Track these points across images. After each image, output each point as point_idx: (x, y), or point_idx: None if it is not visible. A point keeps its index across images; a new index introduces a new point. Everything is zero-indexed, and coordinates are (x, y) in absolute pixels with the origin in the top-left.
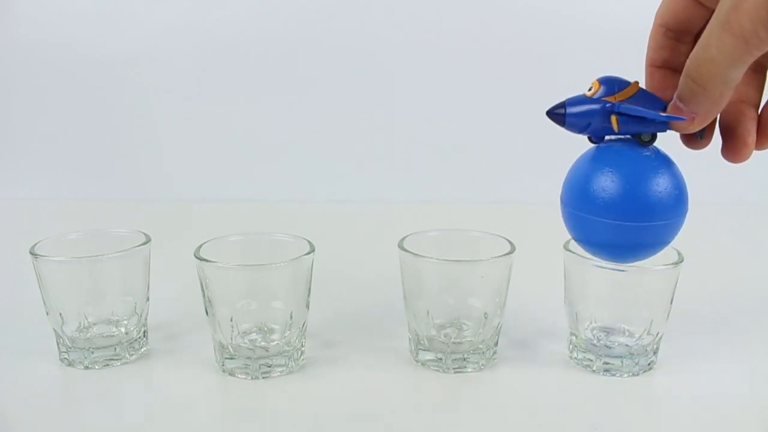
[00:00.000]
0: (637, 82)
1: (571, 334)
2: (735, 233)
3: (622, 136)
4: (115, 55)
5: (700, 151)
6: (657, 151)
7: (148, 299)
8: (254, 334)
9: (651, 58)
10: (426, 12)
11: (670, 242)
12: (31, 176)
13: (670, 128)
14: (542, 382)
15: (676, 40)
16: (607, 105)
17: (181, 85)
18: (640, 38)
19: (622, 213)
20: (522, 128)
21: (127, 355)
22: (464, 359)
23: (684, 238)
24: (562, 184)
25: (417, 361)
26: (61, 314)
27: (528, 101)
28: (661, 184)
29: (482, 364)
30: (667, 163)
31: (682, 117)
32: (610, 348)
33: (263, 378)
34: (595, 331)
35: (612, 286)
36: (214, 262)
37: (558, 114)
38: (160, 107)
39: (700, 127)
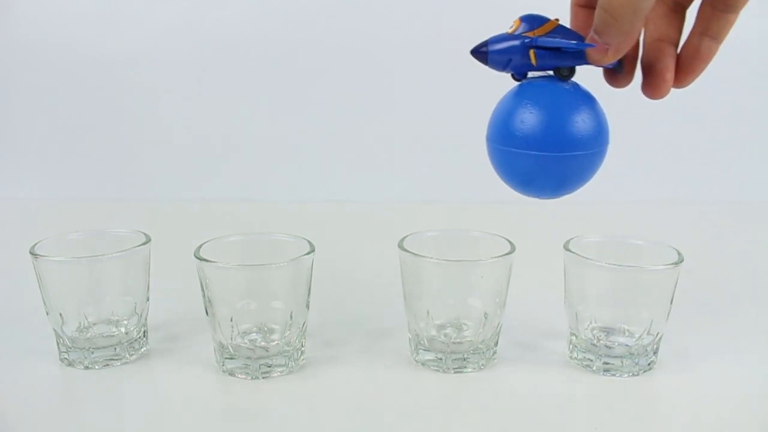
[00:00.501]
0: (557, 19)
1: (572, 334)
2: (735, 233)
3: (543, 73)
4: (115, 55)
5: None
6: (576, 85)
7: (148, 299)
8: (254, 334)
9: None
10: (425, 12)
11: (590, 176)
12: (31, 176)
13: (588, 62)
14: (542, 382)
15: None
16: (526, 40)
17: (181, 85)
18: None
19: (542, 144)
20: None
21: (127, 355)
22: (464, 359)
23: (685, 238)
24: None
25: (417, 361)
26: (61, 314)
27: None
28: (579, 116)
29: (482, 364)
30: (586, 97)
31: (593, 44)
32: (610, 348)
33: (263, 378)
34: (595, 331)
35: (612, 286)
36: (214, 262)
37: (481, 52)
38: (160, 107)
39: (615, 59)
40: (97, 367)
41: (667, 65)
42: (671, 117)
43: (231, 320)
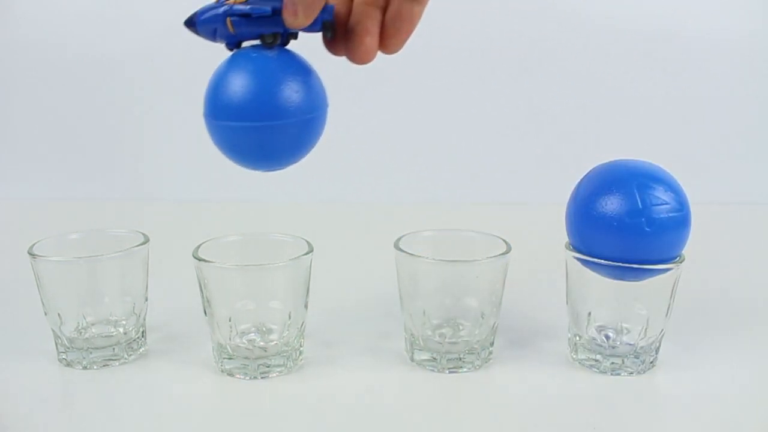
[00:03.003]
0: None
1: (574, 334)
2: (736, 233)
3: (254, 42)
4: (114, 55)
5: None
6: (284, 53)
7: (146, 299)
8: (252, 334)
9: None
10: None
11: (310, 143)
12: (30, 176)
13: (287, 28)
14: (538, 382)
15: None
16: (224, 8)
17: (181, 85)
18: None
19: (248, 114)
20: (521, 128)
21: (126, 356)
22: (460, 359)
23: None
24: None
25: (413, 361)
26: (59, 314)
27: (526, 101)
28: (280, 83)
29: (477, 364)
30: (291, 64)
31: (265, 8)
32: (613, 347)
33: (261, 378)
34: (597, 331)
35: (614, 286)
36: (212, 262)
37: (191, 23)
38: (160, 107)
39: (307, 20)
40: (95, 367)
41: (368, 28)
42: (672, 118)
43: (229, 320)
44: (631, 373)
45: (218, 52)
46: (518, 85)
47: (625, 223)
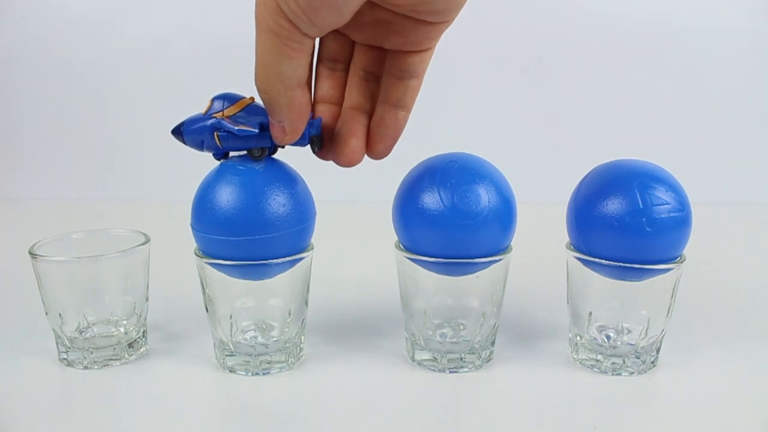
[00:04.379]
0: (252, 98)
1: (575, 334)
2: (736, 233)
3: (241, 153)
4: (114, 54)
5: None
6: (269, 164)
7: (147, 299)
8: (253, 331)
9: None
10: None
11: (296, 255)
12: (31, 176)
13: (276, 143)
14: (539, 382)
15: None
16: (212, 121)
17: (181, 85)
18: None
19: (231, 228)
20: (521, 128)
21: (126, 355)
22: (461, 359)
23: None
24: None
25: (413, 361)
26: (60, 314)
27: (527, 101)
28: (267, 198)
29: (478, 364)
30: (278, 176)
31: (252, 130)
32: (614, 347)
33: (263, 374)
34: (598, 330)
35: (615, 286)
36: (212, 259)
37: (178, 132)
38: (160, 107)
39: (294, 136)
40: (96, 367)
41: (353, 131)
42: (672, 118)
43: (230, 317)
44: (632, 373)
45: (219, 53)
46: (518, 85)
47: (626, 223)
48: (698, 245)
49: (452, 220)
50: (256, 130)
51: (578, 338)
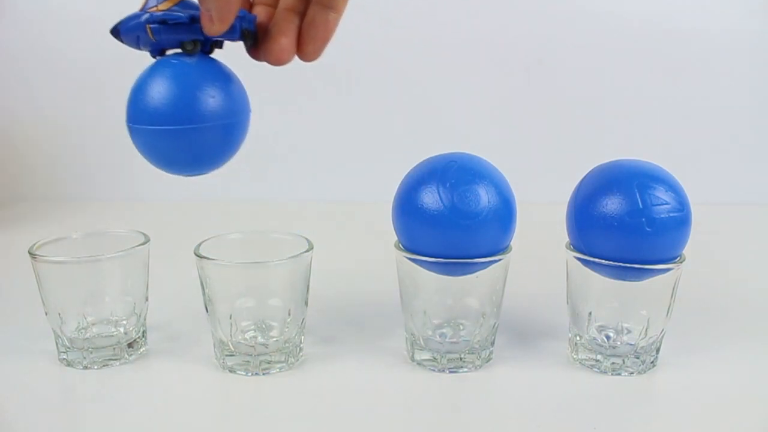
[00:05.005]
0: None
1: (575, 334)
2: (736, 233)
3: (177, 50)
4: (115, 54)
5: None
6: (202, 59)
7: (147, 299)
8: (253, 331)
9: None
10: (423, 12)
11: (230, 149)
12: (32, 176)
13: (206, 35)
14: (539, 382)
15: None
16: (146, 16)
17: None
18: (638, 39)
19: (163, 118)
20: (521, 128)
21: (126, 355)
22: (460, 359)
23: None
24: None
25: (413, 361)
26: (60, 314)
27: (527, 101)
28: (197, 89)
29: (478, 364)
30: (210, 70)
31: (179, 14)
32: (613, 347)
33: (263, 374)
34: (598, 330)
35: (615, 285)
36: (213, 259)
37: (116, 31)
38: None
39: (223, 26)
40: (95, 367)
41: (284, 29)
42: (672, 118)
43: (230, 317)
44: (632, 373)
45: (219, 52)
46: (518, 85)
47: (626, 223)
48: (698, 245)
49: (452, 220)
50: (185, 16)
51: (578, 338)
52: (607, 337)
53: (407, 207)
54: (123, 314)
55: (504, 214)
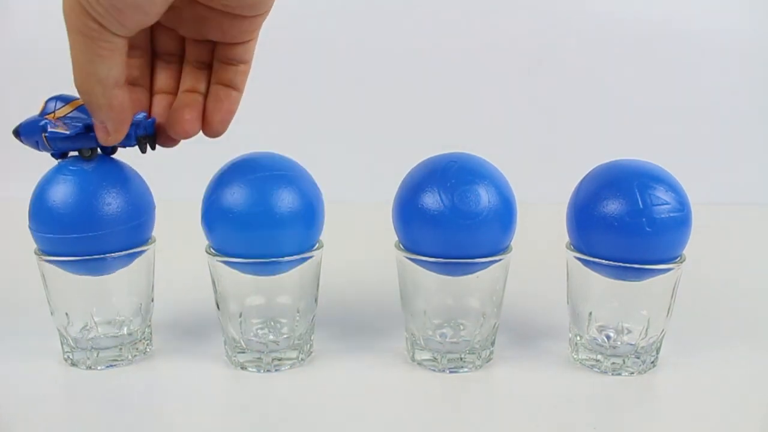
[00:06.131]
0: (79, 99)
1: (575, 334)
2: (736, 233)
3: (75, 153)
4: None
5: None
6: (101, 165)
7: (152, 299)
8: (265, 328)
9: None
10: (423, 13)
11: (133, 247)
12: (31, 176)
13: (101, 143)
14: (539, 382)
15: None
16: (41, 123)
17: None
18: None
19: (61, 227)
20: (521, 128)
21: (131, 356)
22: (461, 359)
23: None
24: None
25: (413, 361)
26: (66, 314)
27: (527, 101)
28: (93, 197)
29: (478, 364)
30: (108, 177)
31: (64, 132)
32: (614, 347)
33: (275, 371)
34: (598, 330)
35: (615, 286)
36: (224, 257)
37: (17, 132)
38: None
39: (119, 137)
40: (100, 367)
41: (187, 103)
42: (672, 118)
43: (240, 315)
44: (632, 373)
45: None
46: (518, 85)
47: (626, 223)
48: (698, 245)
49: (452, 220)
50: (68, 132)
51: (578, 338)
52: (608, 337)
53: (407, 207)
54: (129, 314)
55: (504, 214)
